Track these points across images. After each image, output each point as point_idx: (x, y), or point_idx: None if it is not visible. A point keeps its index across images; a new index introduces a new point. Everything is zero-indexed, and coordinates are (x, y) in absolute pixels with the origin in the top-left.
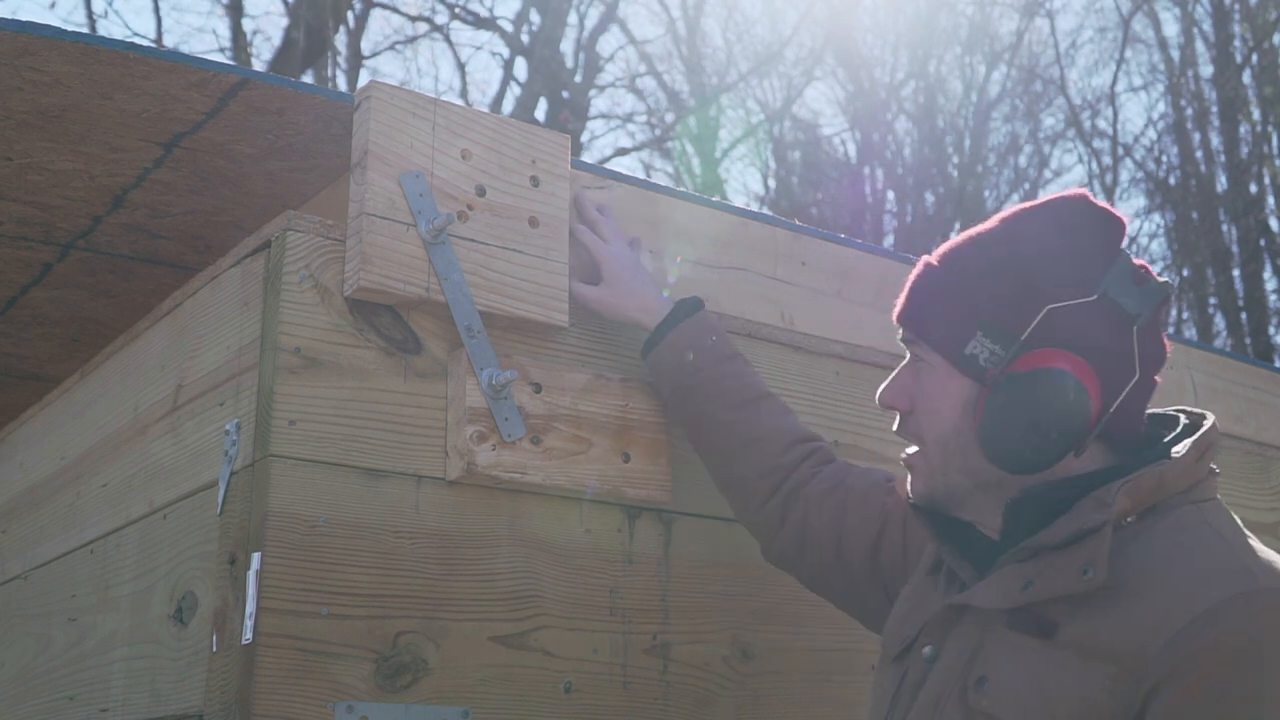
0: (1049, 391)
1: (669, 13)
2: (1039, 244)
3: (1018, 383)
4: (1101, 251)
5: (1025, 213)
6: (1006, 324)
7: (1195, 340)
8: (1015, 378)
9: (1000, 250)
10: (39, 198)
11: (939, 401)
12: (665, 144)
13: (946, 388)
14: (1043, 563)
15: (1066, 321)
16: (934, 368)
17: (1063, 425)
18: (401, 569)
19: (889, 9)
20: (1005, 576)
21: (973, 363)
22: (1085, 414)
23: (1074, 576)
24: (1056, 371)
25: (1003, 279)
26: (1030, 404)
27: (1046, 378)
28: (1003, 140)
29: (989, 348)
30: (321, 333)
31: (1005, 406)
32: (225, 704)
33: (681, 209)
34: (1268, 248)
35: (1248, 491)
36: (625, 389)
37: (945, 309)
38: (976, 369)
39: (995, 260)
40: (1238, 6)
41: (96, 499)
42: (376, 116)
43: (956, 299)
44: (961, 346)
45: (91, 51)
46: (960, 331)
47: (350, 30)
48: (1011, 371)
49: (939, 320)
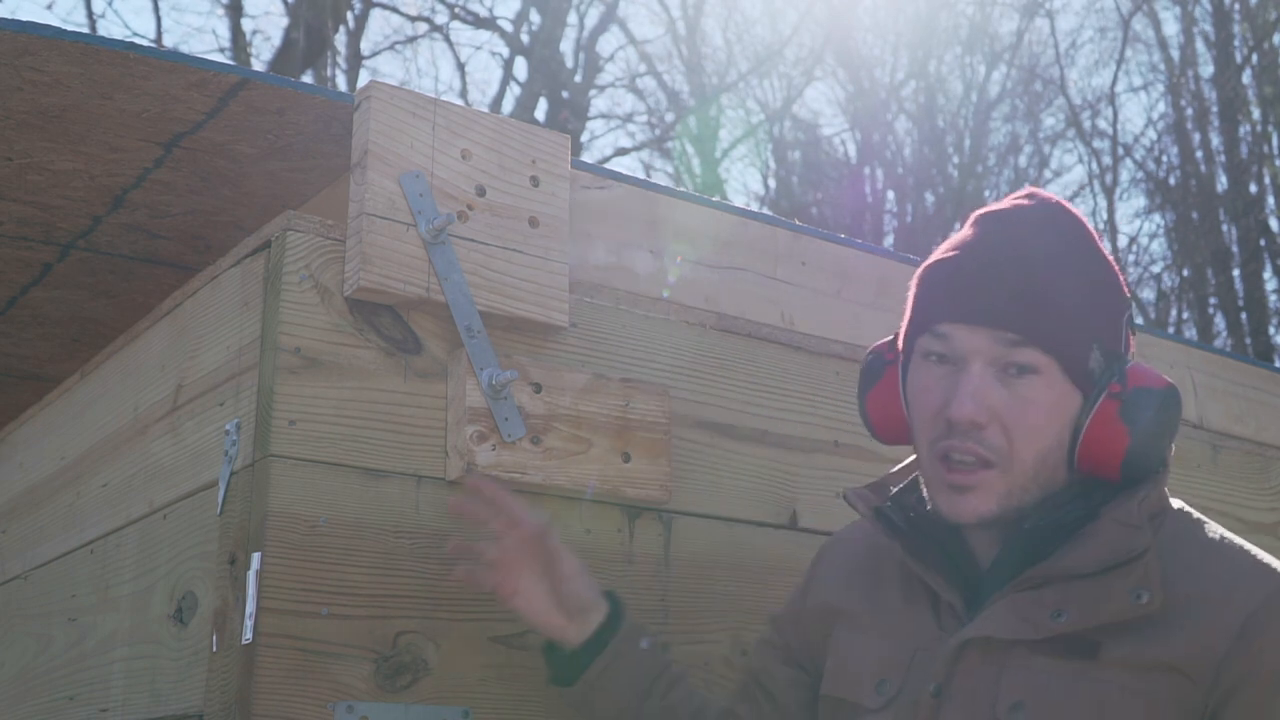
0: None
1: (669, 13)
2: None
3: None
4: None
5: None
6: (1114, 336)
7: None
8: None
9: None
10: (39, 198)
11: (1051, 415)
12: (665, 144)
13: (1061, 401)
14: (1074, 590)
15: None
16: (1048, 379)
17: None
18: (401, 569)
19: (889, 9)
20: (1019, 606)
21: (1092, 377)
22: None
23: (1124, 603)
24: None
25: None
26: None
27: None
28: (1003, 140)
29: (1101, 362)
30: (321, 333)
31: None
32: (225, 704)
33: (681, 209)
34: (1268, 248)
35: (1248, 491)
36: (625, 389)
37: (1068, 317)
38: (1090, 384)
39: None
40: (1238, 6)
41: (96, 499)
42: (376, 116)
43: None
44: (1085, 361)
45: (91, 51)
46: (1083, 345)
47: (350, 30)
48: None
49: (1063, 329)
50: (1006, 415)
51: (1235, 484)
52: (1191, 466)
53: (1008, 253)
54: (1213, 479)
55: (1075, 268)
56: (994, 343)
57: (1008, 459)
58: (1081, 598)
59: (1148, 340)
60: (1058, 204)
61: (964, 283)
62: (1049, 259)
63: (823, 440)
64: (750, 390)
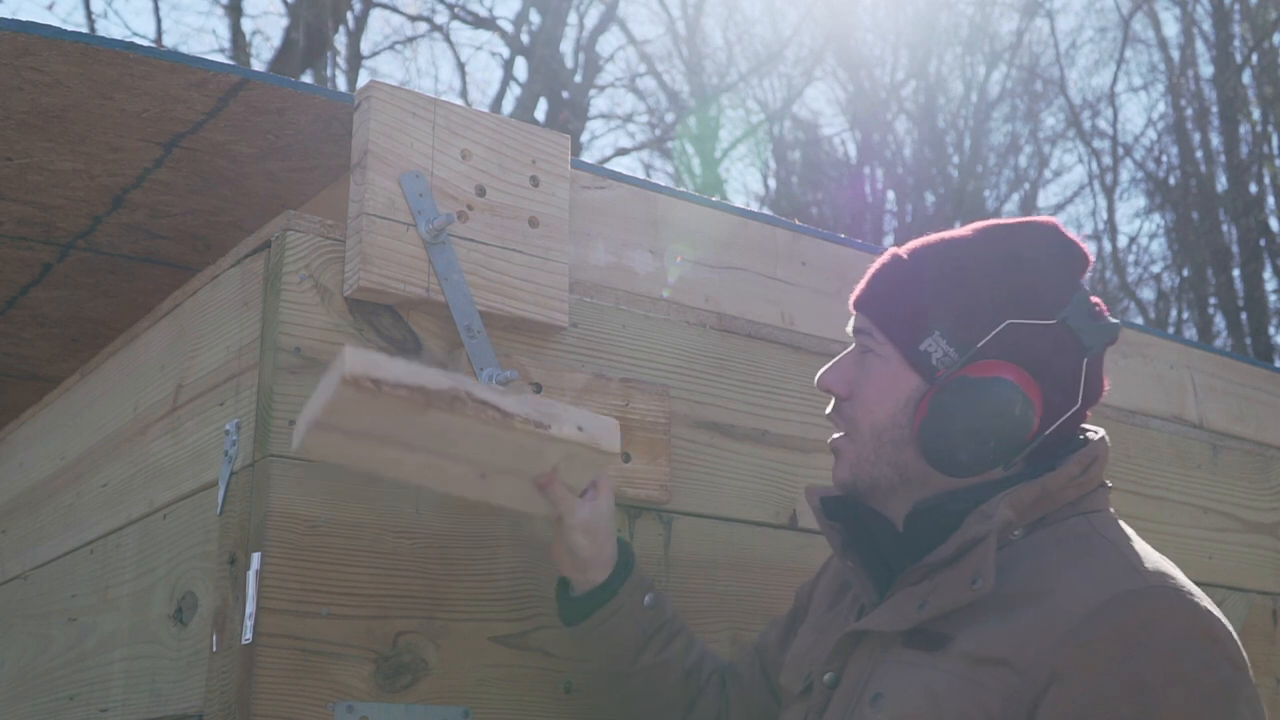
0: (996, 400)
1: (669, 13)
2: (1008, 259)
3: (967, 386)
4: (1066, 280)
5: (999, 228)
6: (965, 329)
7: (1195, 340)
8: (965, 381)
9: (970, 257)
10: (39, 198)
11: (883, 392)
12: (665, 144)
13: (894, 379)
14: (935, 581)
15: (1023, 339)
16: (884, 359)
17: (1002, 435)
18: (401, 569)
19: (889, 9)
20: (901, 600)
21: (925, 359)
22: (1026, 429)
23: (963, 588)
24: (1007, 383)
25: (968, 285)
26: (976, 409)
27: (996, 386)
28: (1003, 140)
29: (944, 349)
30: (321, 333)
31: (950, 407)
32: (225, 704)
33: (681, 209)
34: (1268, 248)
35: (1248, 491)
36: (625, 389)
37: (906, 303)
38: (928, 366)
39: (963, 266)
40: (1238, 6)
41: (96, 499)
42: (376, 116)
43: (919, 295)
44: (917, 342)
45: (91, 51)
46: (918, 327)
47: (350, 30)
48: (962, 375)
49: (898, 313)
50: (855, 390)
51: (1235, 484)
52: (1191, 466)
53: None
54: (1213, 479)
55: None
56: (857, 322)
57: (855, 430)
58: (939, 586)
59: (1148, 340)
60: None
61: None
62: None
63: (822, 440)
64: (750, 390)
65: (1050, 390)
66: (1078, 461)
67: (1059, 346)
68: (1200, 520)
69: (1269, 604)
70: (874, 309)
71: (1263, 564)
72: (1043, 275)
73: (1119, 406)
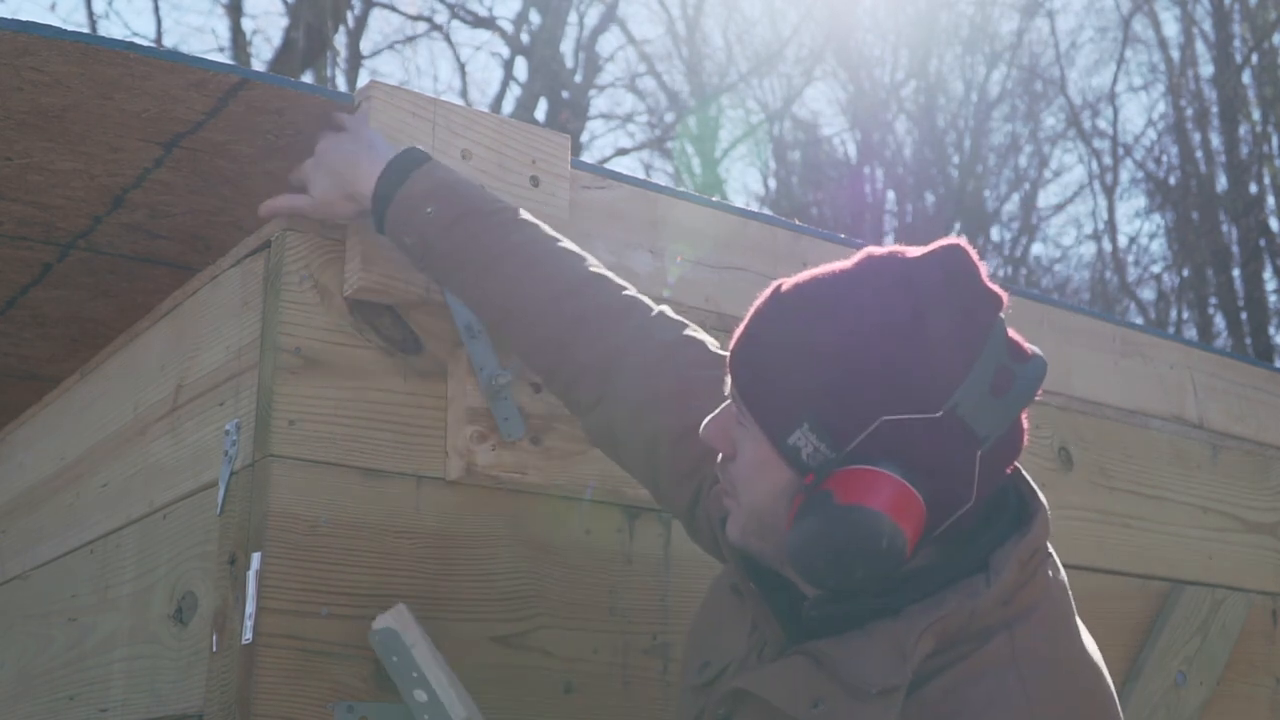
0: (859, 536)
1: (669, 13)
2: (889, 333)
3: (831, 512)
4: (961, 348)
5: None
6: (835, 423)
7: (1195, 340)
8: (829, 504)
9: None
10: (39, 198)
11: (756, 477)
12: (665, 144)
13: (766, 467)
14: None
15: (901, 436)
16: (756, 441)
17: (870, 567)
18: (401, 569)
19: (889, 9)
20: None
21: (795, 455)
22: (897, 557)
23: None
24: (871, 515)
25: (840, 370)
26: (837, 545)
27: (858, 519)
28: (1003, 140)
29: (814, 444)
30: (321, 333)
31: (813, 534)
32: (225, 704)
33: (682, 209)
34: (1268, 248)
35: (1248, 491)
36: None
37: (775, 386)
38: (799, 463)
39: (838, 343)
40: (1238, 6)
41: (96, 499)
42: (376, 116)
43: (787, 378)
44: (786, 435)
45: (91, 51)
46: (787, 419)
47: (350, 30)
48: (827, 493)
49: (767, 397)
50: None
51: (1235, 484)
52: (1191, 466)
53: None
54: (1213, 479)
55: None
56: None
57: (736, 496)
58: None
59: (1148, 340)
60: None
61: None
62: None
63: None
64: None
65: (937, 490)
66: (1017, 563)
67: (946, 442)
68: (1200, 520)
69: (1269, 604)
70: (743, 381)
71: (1263, 564)
72: (929, 350)
73: (1119, 406)
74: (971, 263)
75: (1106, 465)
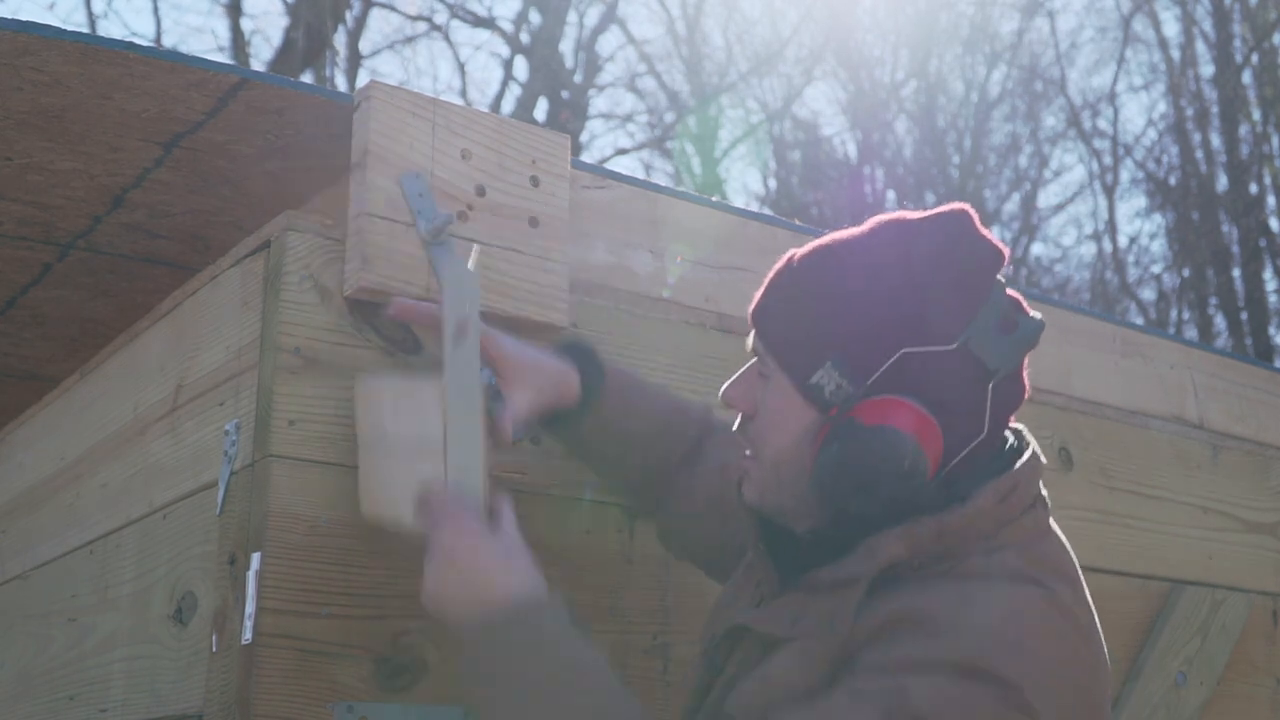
0: (884, 454)
1: (669, 13)
2: (905, 275)
3: (855, 436)
4: (971, 290)
5: (898, 232)
6: (858, 359)
7: (1195, 340)
8: (854, 429)
9: (864, 275)
10: (39, 198)
11: (780, 423)
12: (665, 144)
13: (789, 409)
14: (812, 599)
15: (920, 368)
16: (780, 387)
17: (893, 489)
18: (401, 569)
19: (889, 9)
20: (786, 604)
21: (818, 393)
22: (919, 478)
23: (823, 626)
24: (896, 434)
25: (861, 310)
26: (863, 464)
27: (885, 438)
28: (1003, 140)
29: (837, 380)
30: (321, 333)
31: (838, 460)
32: (225, 704)
33: (681, 209)
34: (1268, 248)
35: (1248, 491)
36: None
37: (799, 330)
38: (821, 400)
39: (857, 287)
40: (1238, 6)
41: (96, 499)
42: (376, 116)
43: (811, 322)
44: (809, 374)
45: (91, 51)
46: (810, 358)
47: (349, 30)
48: (852, 419)
49: (791, 341)
50: (758, 411)
51: (1235, 484)
52: (1191, 466)
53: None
54: (1213, 479)
55: (841, 277)
56: (752, 343)
57: (758, 453)
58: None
59: (1148, 340)
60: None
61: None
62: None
63: None
64: None
65: (951, 423)
66: (993, 492)
67: (960, 373)
68: (1200, 520)
69: (1269, 604)
70: (764, 330)
71: (1263, 564)
72: (943, 289)
73: (1119, 406)
74: (974, 220)
75: (1107, 465)
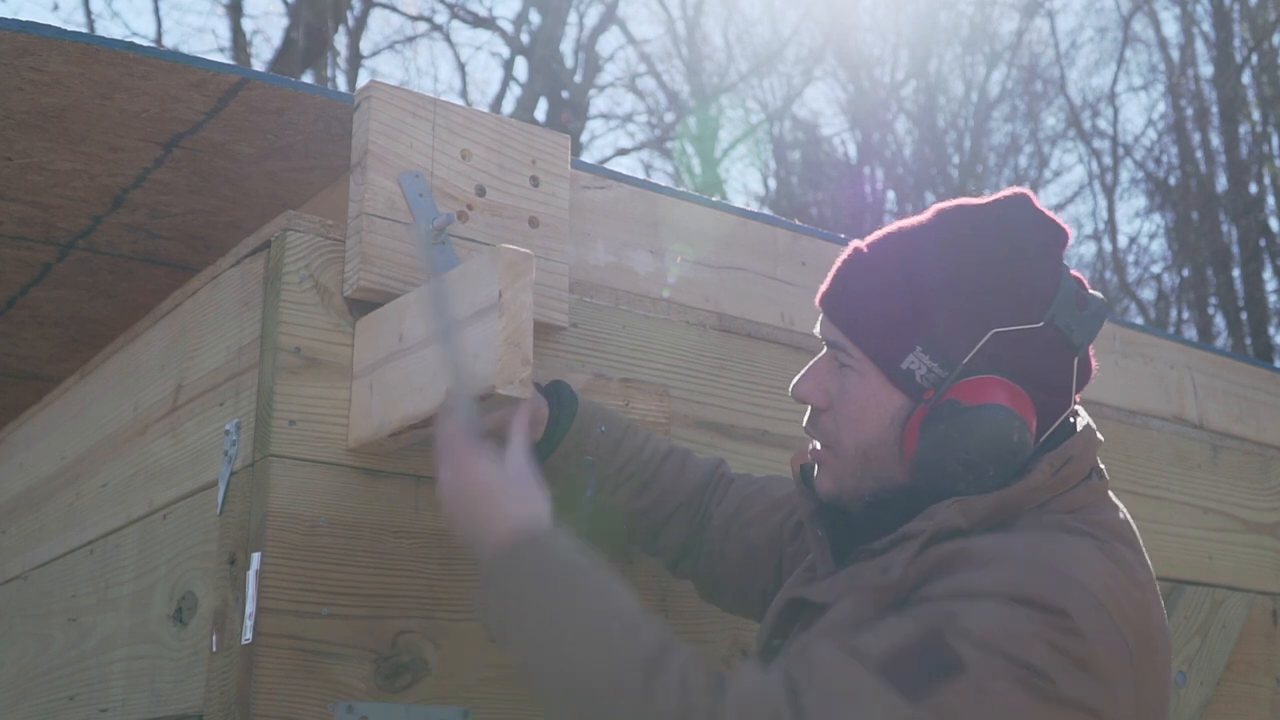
0: (993, 431)
1: (669, 13)
2: (985, 254)
3: (961, 415)
4: (1048, 268)
5: (969, 216)
6: (948, 342)
7: (1195, 340)
8: (959, 409)
9: (944, 259)
10: (39, 198)
11: (866, 410)
12: (665, 144)
13: (877, 398)
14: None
15: (1009, 347)
16: (864, 375)
17: (1000, 464)
18: (401, 569)
19: (889, 9)
20: (839, 578)
21: (909, 379)
22: (1024, 451)
23: (877, 574)
24: (1003, 411)
25: (947, 294)
26: (972, 440)
27: (992, 416)
28: (1003, 140)
29: (927, 365)
30: (321, 333)
31: (946, 438)
32: (225, 704)
33: (681, 209)
34: (1268, 248)
35: (1248, 491)
36: (625, 389)
37: (880, 315)
38: (912, 385)
39: (940, 271)
40: (1238, 6)
41: (96, 499)
42: (376, 116)
43: (897, 309)
44: (898, 360)
45: (91, 51)
46: (899, 343)
47: (350, 30)
48: (954, 400)
49: (873, 327)
50: (836, 404)
51: (1235, 484)
52: (1192, 466)
53: (867, 249)
54: (1213, 479)
55: (920, 260)
56: (827, 331)
57: (837, 444)
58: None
59: (1148, 340)
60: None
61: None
62: (897, 252)
63: None
64: (750, 390)
65: (1043, 397)
66: (1048, 465)
67: (1048, 350)
68: (1200, 520)
69: (1269, 604)
70: (846, 320)
71: (1263, 564)
72: (1024, 270)
73: (1119, 406)
74: (1036, 202)
75: (1107, 465)
